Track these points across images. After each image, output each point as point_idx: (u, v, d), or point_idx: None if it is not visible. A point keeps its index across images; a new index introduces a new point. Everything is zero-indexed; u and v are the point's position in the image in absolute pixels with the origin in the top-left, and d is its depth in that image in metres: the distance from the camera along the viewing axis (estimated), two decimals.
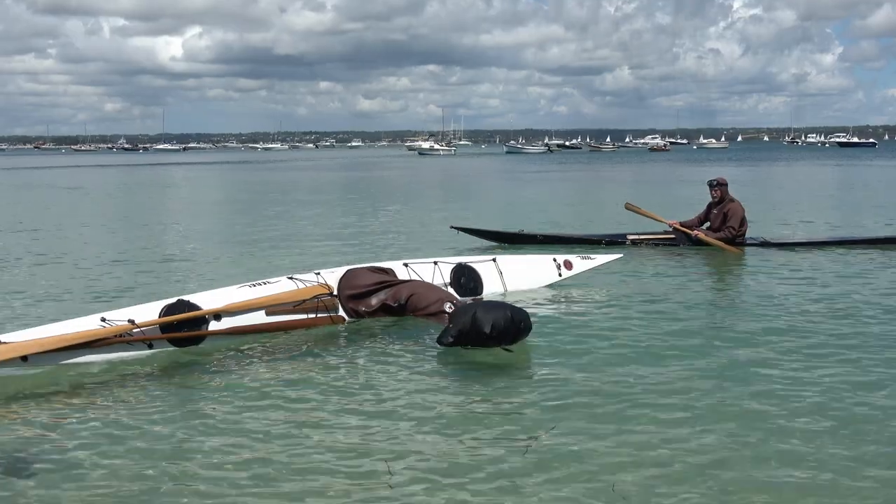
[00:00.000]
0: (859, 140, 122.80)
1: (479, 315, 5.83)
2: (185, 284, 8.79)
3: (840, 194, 26.28)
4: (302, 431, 4.49)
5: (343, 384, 5.31)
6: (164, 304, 6.24)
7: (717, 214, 11.26)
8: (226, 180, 42.71)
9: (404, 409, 4.84)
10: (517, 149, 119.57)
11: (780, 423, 4.56)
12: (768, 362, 5.75)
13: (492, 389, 5.20)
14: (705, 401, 4.93)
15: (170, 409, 4.92)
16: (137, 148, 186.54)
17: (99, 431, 4.54)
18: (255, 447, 4.27)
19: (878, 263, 9.94)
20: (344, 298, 6.84)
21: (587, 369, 5.56)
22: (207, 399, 5.10)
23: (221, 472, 3.99)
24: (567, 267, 8.10)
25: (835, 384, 5.23)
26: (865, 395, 5.02)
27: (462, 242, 11.69)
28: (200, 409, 4.92)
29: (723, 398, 4.99)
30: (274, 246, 12.55)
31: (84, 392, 5.29)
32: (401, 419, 4.66)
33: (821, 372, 5.49)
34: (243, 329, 6.35)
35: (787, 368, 5.58)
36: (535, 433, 4.43)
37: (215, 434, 4.48)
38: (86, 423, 4.70)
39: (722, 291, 8.97)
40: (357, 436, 4.41)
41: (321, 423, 4.64)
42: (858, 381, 5.28)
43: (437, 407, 4.87)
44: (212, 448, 4.28)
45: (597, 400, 4.94)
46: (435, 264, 7.47)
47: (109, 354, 5.82)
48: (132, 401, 5.08)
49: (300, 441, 4.36)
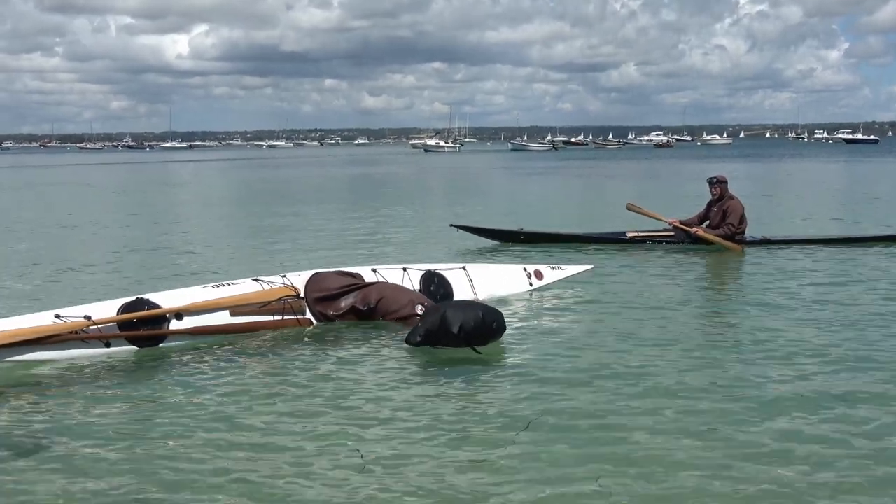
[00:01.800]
0: (862, 137, 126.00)
1: (448, 314, 5.72)
2: (148, 283, 8.50)
3: (841, 191, 26.27)
4: (267, 434, 4.32)
5: (310, 385, 5.17)
6: (123, 301, 6.06)
7: (716, 212, 11.23)
8: (224, 178, 42.60)
9: (370, 409, 4.70)
10: (522, 146, 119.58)
11: (767, 420, 4.43)
12: (757, 359, 5.65)
13: (461, 390, 5.04)
14: (692, 396, 4.84)
15: (126, 409, 4.76)
16: (143, 146, 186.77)
17: (49, 432, 4.36)
18: (216, 451, 4.09)
19: (877, 260, 9.89)
20: (311, 301, 6.66)
21: (568, 366, 5.45)
22: (166, 399, 4.95)
23: (178, 476, 3.81)
24: (537, 277, 8.00)
25: (834, 383, 5.11)
26: (867, 395, 4.88)
27: (462, 242, 11.51)
28: (158, 409, 4.75)
29: (711, 395, 4.88)
30: (259, 247, 12.31)
31: (36, 391, 5.10)
32: (368, 421, 4.53)
33: (815, 370, 5.37)
34: (206, 329, 6.16)
35: (779, 366, 5.48)
36: (507, 433, 4.29)
37: (173, 436, 4.30)
38: (34, 423, 4.52)
39: (718, 288, 8.95)
40: (323, 438, 4.26)
41: (287, 424, 4.48)
42: (858, 380, 5.19)
43: (404, 408, 4.72)
44: (168, 451, 4.09)
45: (575, 395, 4.86)
46: (404, 271, 7.31)
47: (64, 352, 5.63)
48: (85, 401, 4.89)
49: (265, 444, 4.19)
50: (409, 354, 5.81)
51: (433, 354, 5.75)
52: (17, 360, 5.46)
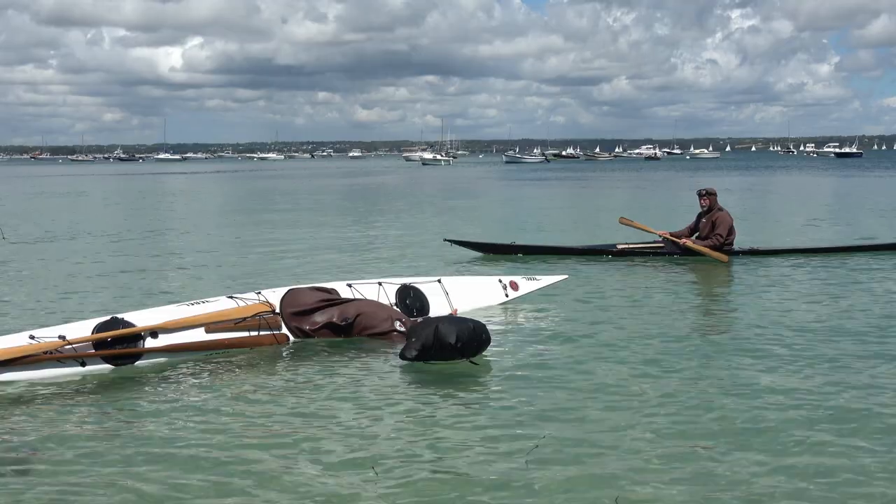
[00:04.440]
0: (848, 150, 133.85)
1: (441, 328, 5.77)
2: (123, 301, 8.35)
3: (825, 202, 26.66)
4: (248, 451, 4.26)
5: (292, 401, 5.15)
6: (98, 321, 6.02)
7: (705, 223, 11.39)
8: (209, 190, 42.35)
9: (356, 425, 4.67)
10: (517, 159, 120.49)
11: (752, 420, 4.53)
12: (742, 362, 5.82)
13: (457, 403, 5.07)
14: (679, 400, 4.96)
15: (102, 429, 4.71)
16: (134, 158, 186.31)
17: (21, 452, 4.31)
18: (193, 469, 4.05)
19: (860, 269, 10.12)
20: (287, 316, 6.58)
21: (553, 379, 5.52)
22: (142, 418, 4.90)
23: (155, 494, 3.77)
24: (513, 288, 7.99)
25: (815, 387, 5.19)
26: (851, 399, 4.94)
27: (454, 255, 11.53)
28: (134, 428, 4.71)
29: (692, 395, 5.03)
30: (236, 264, 12.20)
31: (10, 411, 5.02)
32: (353, 435, 4.47)
33: (799, 377, 5.52)
34: (182, 347, 6.09)
35: (763, 373, 5.53)
36: (509, 441, 4.35)
37: (150, 455, 4.23)
38: (10, 442, 4.47)
39: (704, 297, 9.16)
40: (305, 453, 4.23)
41: (266, 440, 4.44)
42: (843, 384, 5.24)
43: (393, 423, 4.69)
44: (145, 469, 4.04)
45: (570, 404, 4.94)
46: (379, 285, 7.27)
47: (39, 372, 5.58)
48: (62, 420, 4.86)
49: (244, 459, 4.14)
50: (389, 368, 5.83)
51: (416, 368, 5.76)
52: None
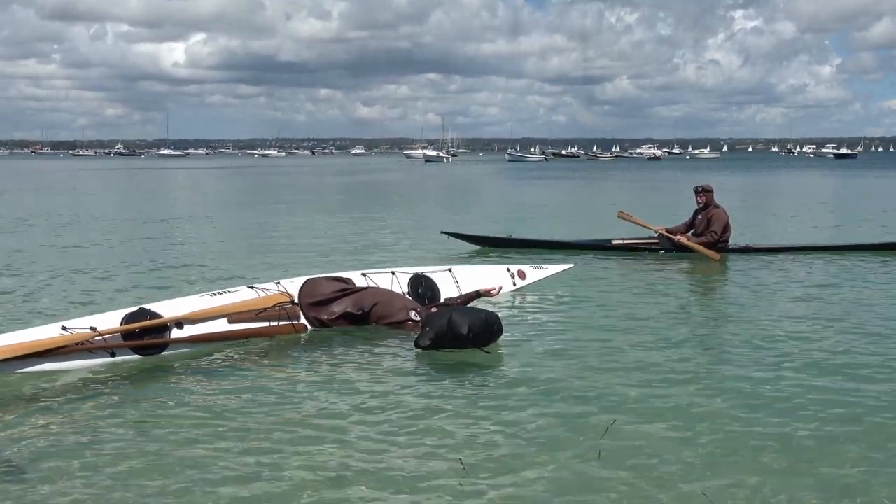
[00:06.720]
0: (845, 151, 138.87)
1: (455, 318, 5.92)
2: (149, 292, 8.55)
3: (821, 201, 26.74)
4: (272, 440, 4.38)
5: (314, 390, 5.26)
6: (126, 312, 6.17)
7: (701, 220, 11.50)
8: (217, 185, 42.46)
9: (377, 412, 4.79)
10: (519, 157, 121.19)
11: (748, 423, 4.57)
12: (734, 361, 5.92)
13: (471, 391, 5.22)
14: (679, 397, 5.04)
15: (134, 418, 4.80)
16: (135, 153, 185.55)
17: (59, 442, 4.42)
18: (221, 457, 4.15)
19: (854, 268, 10.19)
20: (305, 307, 6.78)
21: (563, 370, 5.64)
22: (172, 407, 5.00)
23: (184, 483, 3.88)
24: (521, 276, 8.23)
25: (809, 385, 5.28)
26: (844, 398, 5.02)
27: (460, 246, 11.90)
28: (164, 418, 4.82)
29: (693, 390, 5.14)
30: (255, 253, 12.40)
31: (46, 401, 5.15)
32: (375, 423, 4.61)
33: (793, 374, 5.54)
34: (205, 337, 6.27)
35: (758, 370, 5.62)
36: (520, 429, 4.48)
37: (181, 444, 4.35)
38: (46, 433, 4.56)
39: (697, 294, 9.25)
40: (333, 442, 4.33)
41: (295, 430, 4.53)
42: (838, 381, 5.34)
43: (410, 408, 4.85)
44: (177, 459, 4.14)
45: (579, 396, 5.05)
46: (392, 274, 7.49)
47: (71, 363, 5.71)
48: (94, 410, 4.96)
49: (272, 450, 4.25)
50: (404, 356, 5.99)
51: (430, 357, 5.93)
52: (26, 372, 5.53)
